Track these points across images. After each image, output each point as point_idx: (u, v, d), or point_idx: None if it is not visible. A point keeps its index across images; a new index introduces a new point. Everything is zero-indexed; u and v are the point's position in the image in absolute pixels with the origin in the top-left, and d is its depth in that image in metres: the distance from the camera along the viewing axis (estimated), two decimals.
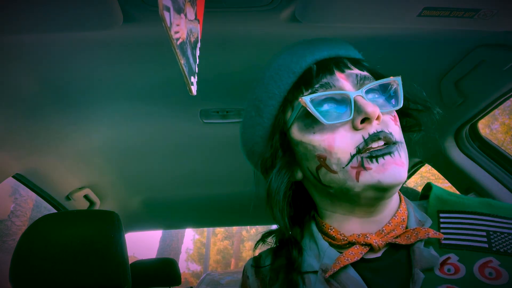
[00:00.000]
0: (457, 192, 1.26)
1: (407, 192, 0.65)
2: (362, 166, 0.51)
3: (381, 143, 0.52)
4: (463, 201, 0.58)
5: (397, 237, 0.54)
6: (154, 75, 1.05)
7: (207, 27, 0.65)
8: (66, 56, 0.93)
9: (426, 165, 1.57)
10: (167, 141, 1.48)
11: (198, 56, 0.54)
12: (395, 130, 0.54)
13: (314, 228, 0.62)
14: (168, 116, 1.29)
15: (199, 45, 0.55)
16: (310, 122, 0.55)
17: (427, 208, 0.59)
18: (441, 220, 0.56)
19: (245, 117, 0.67)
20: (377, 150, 0.51)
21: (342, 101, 0.55)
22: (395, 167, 0.51)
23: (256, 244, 0.67)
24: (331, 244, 0.58)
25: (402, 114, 0.63)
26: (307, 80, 0.57)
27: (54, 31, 0.75)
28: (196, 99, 1.18)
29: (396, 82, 0.57)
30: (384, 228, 0.56)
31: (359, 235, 0.55)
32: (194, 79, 0.49)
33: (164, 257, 2.55)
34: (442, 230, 0.54)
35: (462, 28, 0.78)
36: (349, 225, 0.58)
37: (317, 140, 0.54)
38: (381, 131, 0.52)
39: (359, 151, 0.52)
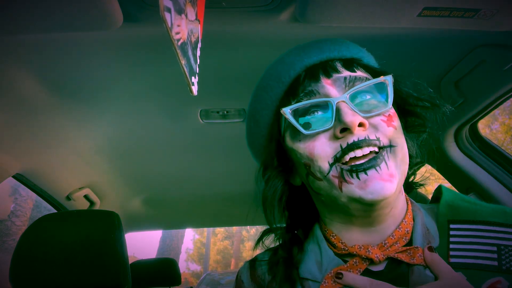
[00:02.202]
0: None
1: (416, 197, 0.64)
2: (342, 177, 0.51)
3: (366, 150, 0.50)
4: (475, 207, 0.55)
5: (400, 251, 0.53)
6: (154, 75, 1.05)
7: (207, 27, 0.65)
8: (66, 56, 0.93)
9: (426, 165, 1.57)
10: (167, 141, 1.48)
11: (199, 56, 0.54)
12: (386, 133, 0.52)
13: (319, 233, 0.61)
14: (168, 116, 1.29)
15: (199, 45, 0.55)
16: (297, 130, 0.55)
17: (438, 214, 0.57)
18: (451, 232, 0.54)
19: (246, 125, 0.68)
20: (358, 164, 0.50)
21: (327, 107, 0.54)
22: (378, 183, 0.48)
23: (256, 243, 0.67)
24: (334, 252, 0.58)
25: (406, 113, 0.61)
26: (294, 89, 0.57)
27: (54, 31, 0.75)
28: (196, 99, 1.18)
29: (386, 81, 0.54)
30: (386, 241, 0.54)
31: (360, 248, 0.54)
32: (195, 80, 0.49)
33: (164, 257, 2.55)
34: (451, 245, 0.52)
35: (462, 28, 0.77)
36: (350, 234, 0.57)
37: (302, 147, 0.55)
38: (363, 140, 0.50)
39: (336, 159, 0.51)
